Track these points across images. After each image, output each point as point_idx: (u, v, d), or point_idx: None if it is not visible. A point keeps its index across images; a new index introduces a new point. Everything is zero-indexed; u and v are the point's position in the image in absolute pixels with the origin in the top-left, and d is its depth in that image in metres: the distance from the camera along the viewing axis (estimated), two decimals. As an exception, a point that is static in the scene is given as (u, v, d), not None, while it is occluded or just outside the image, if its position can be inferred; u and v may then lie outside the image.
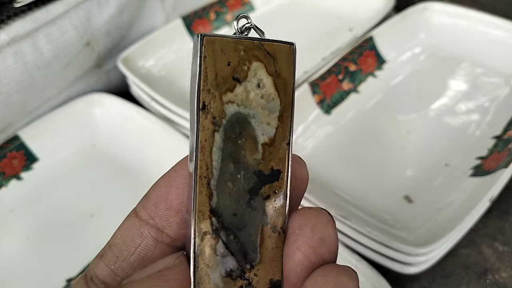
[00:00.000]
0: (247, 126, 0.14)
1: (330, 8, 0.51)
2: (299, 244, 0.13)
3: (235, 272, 0.14)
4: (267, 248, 0.14)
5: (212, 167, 0.14)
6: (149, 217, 0.14)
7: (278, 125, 0.14)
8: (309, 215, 0.14)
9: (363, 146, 0.38)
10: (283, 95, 0.14)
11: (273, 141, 0.14)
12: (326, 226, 0.14)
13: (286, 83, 0.14)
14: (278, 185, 0.14)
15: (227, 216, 0.14)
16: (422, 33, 0.45)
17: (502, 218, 0.34)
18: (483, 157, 0.35)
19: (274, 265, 0.14)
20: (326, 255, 0.14)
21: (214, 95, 0.14)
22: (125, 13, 0.43)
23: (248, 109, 0.14)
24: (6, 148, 0.37)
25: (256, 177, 0.14)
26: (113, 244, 0.15)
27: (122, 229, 0.15)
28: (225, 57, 0.14)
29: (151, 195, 0.15)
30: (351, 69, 0.42)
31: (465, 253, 0.32)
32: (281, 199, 0.14)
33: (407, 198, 0.34)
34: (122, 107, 0.41)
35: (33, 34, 0.37)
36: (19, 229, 0.35)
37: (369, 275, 0.28)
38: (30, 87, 0.38)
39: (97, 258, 0.15)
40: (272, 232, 0.14)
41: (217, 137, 0.14)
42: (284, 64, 0.14)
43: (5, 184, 0.37)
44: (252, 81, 0.14)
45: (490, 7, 0.46)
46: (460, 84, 0.42)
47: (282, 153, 0.14)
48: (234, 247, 0.14)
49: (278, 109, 0.14)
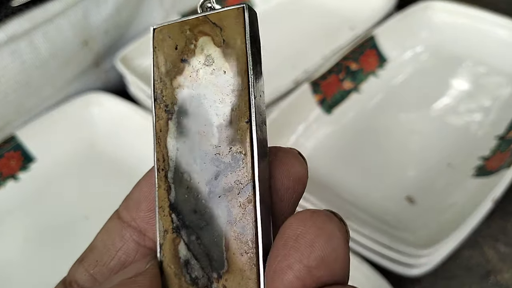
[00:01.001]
0: (199, 108, 0.12)
1: (331, 7, 0.51)
2: (292, 261, 0.10)
3: (200, 280, 0.12)
4: (235, 253, 0.12)
5: (168, 158, 0.12)
6: (131, 219, 0.13)
7: (232, 101, 0.12)
8: (311, 222, 0.11)
9: (364, 146, 0.38)
10: (234, 65, 0.12)
11: (229, 121, 0.12)
12: (332, 239, 0.11)
13: (237, 51, 0.12)
14: (241, 173, 0.12)
15: (187, 213, 0.12)
16: (424, 32, 0.45)
17: (505, 219, 0.34)
18: (485, 157, 0.35)
19: (246, 277, 0.11)
20: (327, 278, 0.10)
21: (165, 83, 0.13)
22: (123, 11, 0.43)
23: (199, 89, 0.12)
24: (3, 148, 0.37)
25: (215, 166, 0.12)
26: (94, 247, 0.14)
27: (103, 232, 0.14)
28: (172, 41, 0.13)
29: (133, 195, 0.14)
30: (352, 68, 0.41)
31: (468, 254, 0.32)
32: (247, 191, 0.12)
33: (409, 199, 0.33)
34: (120, 106, 0.40)
35: (30, 33, 0.37)
36: (16, 229, 0.35)
37: (371, 277, 0.28)
38: (27, 86, 0.38)
39: (77, 263, 0.14)
40: (239, 234, 0.12)
41: (171, 126, 0.12)
42: (232, 31, 0.12)
43: (2, 184, 0.37)
44: (199, 58, 0.12)
45: (492, 6, 0.46)
46: (462, 83, 0.42)
47: (241, 134, 0.12)
48: (197, 249, 0.12)
49: (231, 82, 0.12)
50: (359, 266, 0.29)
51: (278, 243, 0.11)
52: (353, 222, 0.29)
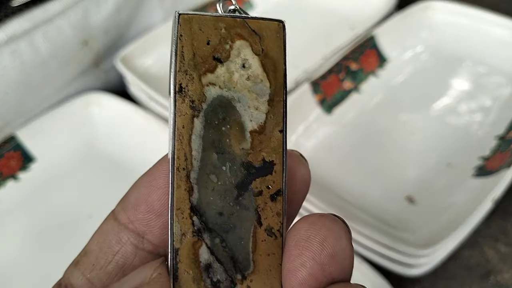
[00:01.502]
0: (232, 111, 0.12)
1: (331, 7, 0.51)
2: (304, 259, 0.11)
3: (223, 283, 0.12)
4: (262, 254, 0.12)
5: (192, 157, 0.12)
6: (128, 221, 0.13)
7: (268, 110, 0.12)
8: (320, 224, 0.11)
9: (364, 146, 0.38)
10: (272, 77, 0.12)
11: (264, 128, 0.12)
12: (340, 239, 0.11)
13: (275, 63, 0.12)
14: (271, 179, 0.12)
15: (211, 215, 0.12)
16: (424, 32, 0.45)
17: (505, 219, 0.34)
18: (485, 157, 0.35)
19: (271, 276, 0.12)
20: (337, 275, 0.11)
21: (192, 77, 0.12)
22: (123, 11, 0.43)
23: (232, 92, 0.12)
24: (3, 148, 0.37)
25: (245, 169, 0.12)
26: (89, 251, 0.13)
27: (99, 234, 0.13)
28: (203, 35, 0.12)
29: (130, 196, 0.13)
30: (352, 68, 0.41)
31: (468, 254, 0.32)
32: (277, 197, 0.12)
33: (409, 199, 0.33)
34: (120, 106, 0.40)
35: (30, 33, 0.37)
36: (16, 230, 0.35)
37: (371, 277, 0.28)
38: (27, 87, 0.38)
39: (72, 266, 0.13)
40: (268, 235, 0.12)
41: (197, 123, 0.12)
42: (272, 43, 0.12)
43: (2, 184, 0.37)
44: (235, 61, 0.12)
45: (492, 6, 0.46)
46: (463, 83, 0.42)
47: (275, 142, 0.12)
48: (221, 252, 0.12)
49: (268, 92, 0.12)
50: (359, 266, 0.29)
51: (290, 244, 0.12)
52: (353, 222, 0.29)
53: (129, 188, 0.13)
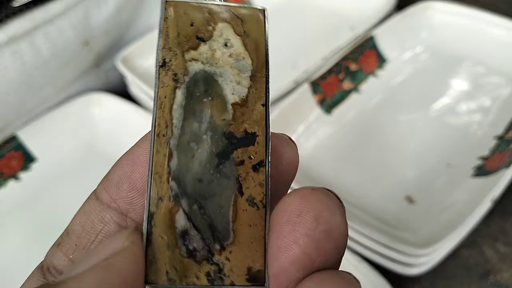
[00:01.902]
0: (214, 84, 0.12)
1: (331, 7, 0.51)
2: (297, 235, 0.10)
3: (199, 252, 0.11)
4: (243, 224, 0.11)
5: (172, 125, 0.12)
6: (110, 200, 0.12)
7: (250, 85, 0.12)
8: (313, 198, 0.11)
9: (364, 146, 0.38)
10: (254, 55, 0.13)
11: (246, 102, 0.12)
12: (335, 215, 0.11)
13: (257, 43, 0.13)
14: (254, 150, 0.12)
15: (190, 182, 0.12)
16: (424, 32, 0.45)
17: (504, 218, 0.34)
18: (485, 157, 0.35)
19: (253, 249, 0.11)
20: (332, 253, 0.11)
21: (176, 53, 0.12)
22: (124, 12, 0.43)
23: (214, 67, 0.12)
24: (4, 148, 0.37)
25: (226, 139, 0.12)
26: (72, 231, 0.13)
27: (81, 214, 0.13)
28: (188, 17, 0.13)
29: (113, 174, 0.13)
30: (351, 68, 0.41)
31: (467, 254, 0.32)
32: (260, 167, 0.12)
33: (409, 199, 0.34)
34: (121, 106, 0.40)
35: (31, 34, 0.37)
36: (17, 229, 0.35)
37: (370, 276, 0.28)
38: (28, 87, 0.38)
39: (54, 247, 0.13)
40: (249, 205, 0.12)
41: (178, 94, 0.12)
42: (253, 26, 0.13)
43: (3, 184, 0.37)
44: (218, 40, 0.13)
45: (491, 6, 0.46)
46: (462, 83, 0.42)
47: (257, 115, 0.12)
48: (199, 220, 0.11)
49: (250, 68, 0.12)
50: (359, 266, 0.29)
51: (280, 219, 0.11)
52: (353, 221, 0.29)
53: (111, 166, 0.13)
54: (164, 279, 0.11)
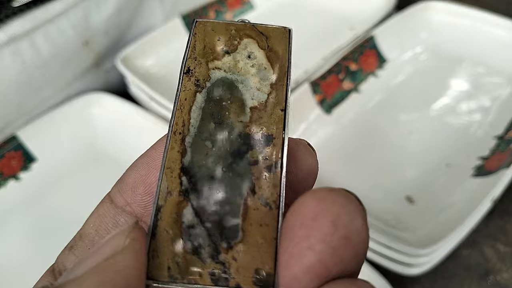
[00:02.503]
0: (234, 90, 0.13)
1: (331, 7, 0.51)
2: (313, 242, 0.09)
3: (204, 249, 0.11)
4: (253, 224, 0.11)
5: (189, 124, 0.12)
6: (125, 203, 0.12)
7: (270, 91, 0.13)
8: (331, 200, 0.10)
9: (364, 146, 0.38)
10: (276, 66, 0.13)
11: (265, 106, 0.12)
12: (355, 219, 0.10)
13: (279, 56, 0.13)
14: (269, 151, 0.12)
15: (201, 178, 0.11)
16: (424, 32, 0.45)
17: (504, 218, 0.34)
18: (485, 157, 0.35)
19: (263, 250, 0.11)
20: (351, 262, 0.10)
21: (200, 62, 0.13)
22: (124, 12, 0.43)
23: (236, 75, 0.13)
24: (4, 148, 0.37)
25: (242, 139, 0.12)
26: (85, 234, 0.12)
27: (94, 217, 0.12)
28: (215, 34, 0.13)
29: (128, 178, 0.12)
30: (351, 68, 0.41)
31: (467, 254, 0.32)
32: (275, 167, 0.12)
33: (409, 199, 0.34)
34: (121, 107, 0.40)
35: (31, 34, 0.37)
36: (17, 229, 0.35)
37: (370, 276, 0.28)
38: (28, 87, 0.38)
39: (66, 250, 0.12)
40: (261, 205, 0.11)
41: (199, 97, 0.12)
42: (277, 42, 0.13)
43: (3, 184, 0.37)
44: (241, 53, 0.13)
45: (491, 6, 0.46)
46: (462, 83, 0.42)
47: (275, 119, 0.12)
48: (207, 216, 0.11)
49: (271, 77, 0.13)
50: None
51: (294, 223, 0.10)
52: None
53: (126, 169, 0.13)
54: (165, 275, 0.10)
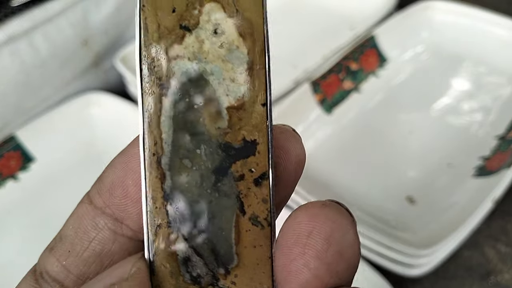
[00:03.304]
0: (204, 86, 0.11)
1: (331, 7, 0.51)
2: (308, 258, 0.10)
3: (203, 278, 0.11)
4: (247, 246, 0.11)
5: (162, 141, 0.11)
6: (104, 205, 0.12)
7: (247, 81, 0.11)
8: (323, 216, 0.10)
9: (364, 146, 0.38)
10: (250, 41, 0.11)
11: (243, 103, 0.11)
12: (347, 233, 0.10)
13: (253, 25, 0.11)
14: (254, 161, 0.11)
15: (186, 204, 0.11)
16: (424, 32, 0.45)
17: (505, 219, 0.34)
18: (486, 157, 0.35)
19: (259, 271, 0.11)
20: (344, 273, 0.10)
21: (158, 50, 0.11)
22: (123, 11, 0.43)
23: (203, 63, 0.11)
24: (3, 148, 0.37)
25: (222, 151, 0.11)
26: (64, 236, 0.12)
27: (74, 218, 0.12)
28: (168, 2, 0.11)
29: (106, 178, 0.12)
30: (352, 68, 0.41)
31: (468, 254, 0.32)
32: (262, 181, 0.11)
33: (410, 199, 0.33)
34: (120, 106, 0.40)
35: (30, 33, 0.37)
36: (16, 229, 0.35)
37: (371, 277, 0.28)
38: (27, 86, 0.38)
39: (47, 251, 0.12)
40: (253, 225, 0.11)
41: (166, 103, 0.11)
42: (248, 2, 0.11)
43: (2, 184, 0.37)
44: (206, 28, 0.11)
45: (492, 6, 0.46)
46: (463, 83, 0.42)
47: (257, 118, 0.11)
48: (200, 244, 0.11)
49: (246, 60, 0.11)
50: (359, 267, 0.29)
51: (288, 240, 0.10)
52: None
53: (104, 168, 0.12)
54: None
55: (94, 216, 0.12)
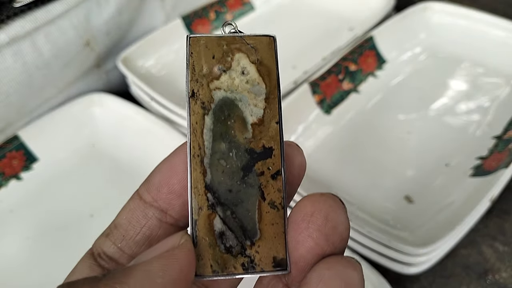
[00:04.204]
0: (235, 108, 0.15)
1: (330, 8, 0.51)
2: (311, 231, 0.14)
3: (235, 248, 0.14)
4: (267, 224, 0.14)
5: (204, 146, 0.15)
6: (152, 200, 0.15)
7: (265, 106, 0.15)
8: (322, 202, 0.14)
9: (363, 146, 0.38)
10: (267, 80, 0.15)
11: (262, 121, 0.15)
12: (339, 214, 0.14)
13: (269, 69, 0.15)
14: (271, 162, 0.15)
15: (222, 192, 0.14)
16: (422, 33, 0.45)
17: (503, 218, 0.34)
18: (483, 157, 0.35)
19: (276, 242, 0.14)
20: (338, 243, 0.14)
21: (202, 84, 0.15)
22: (124, 12, 0.43)
23: (234, 93, 0.15)
24: (6, 148, 0.37)
25: (248, 154, 0.15)
26: (119, 225, 0.15)
27: (126, 211, 0.15)
28: (209, 51, 0.15)
29: (153, 179, 0.15)
30: (351, 69, 0.42)
31: (466, 253, 0.32)
32: (277, 176, 0.15)
33: (408, 198, 0.34)
34: (121, 107, 0.40)
35: (32, 34, 0.37)
36: (18, 229, 0.35)
37: (370, 275, 0.28)
38: (29, 87, 0.38)
39: (103, 237, 0.15)
40: (271, 208, 0.14)
41: (207, 120, 0.15)
42: (265, 53, 0.15)
43: (5, 184, 0.37)
44: (236, 69, 0.15)
45: (490, 7, 0.46)
46: (461, 84, 0.42)
47: (272, 132, 0.15)
48: (232, 222, 0.14)
49: (264, 92, 0.15)
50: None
51: (296, 219, 0.14)
52: (352, 221, 0.29)
53: (151, 172, 0.16)
54: (209, 271, 0.14)
55: (144, 209, 0.15)
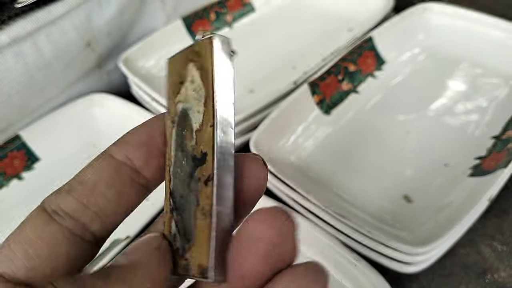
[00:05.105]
0: (187, 118, 0.15)
1: (330, 9, 0.51)
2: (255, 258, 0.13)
3: (180, 250, 0.15)
4: (199, 230, 0.15)
5: (171, 156, 0.15)
6: (126, 159, 0.15)
7: (204, 110, 0.15)
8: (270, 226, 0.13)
9: (362, 146, 0.38)
10: (206, 83, 0.15)
11: (202, 126, 0.15)
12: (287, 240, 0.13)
13: (207, 71, 0.15)
14: (205, 167, 0.15)
15: (177, 198, 0.15)
16: (421, 34, 0.45)
17: (501, 217, 0.34)
18: (482, 157, 0.35)
19: (203, 250, 0.14)
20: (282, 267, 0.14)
21: (171, 99, 0.16)
22: (125, 13, 0.43)
23: (187, 103, 0.15)
24: (7, 148, 0.38)
25: (192, 161, 0.15)
26: (84, 181, 0.15)
27: (93, 168, 0.15)
28: (176, 68, 0.16)
29: (129, 138, 0.16)
30: (350, 69, 0.42)
31: (464, 252, 0.32)
32: (209, 182, 0.14)
33: (407, 198, 0.34)
34: (122, 107, 0.41)
35: (34, 35, 0.37)
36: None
37: (369, 274, 0.29)
38: (30, 88, 0.39)
39: (63, 193, 0.14)
40: (201, 215, 0.14)
41: (173, 133, 0.16)
42: (205, 57, 0.15)
43: (6, 184, 0.37)
44: (188, 80, 0.15)
45: (489, 8, 0.46)
46: (459, 84, 0.42)
47: (207, 136, 0.15)
48: (181, 226, 0.15)
49: (203, 95, 0.15)
50: (357, 264, 0.29)
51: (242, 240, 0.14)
52: (351, 220, 0.30)
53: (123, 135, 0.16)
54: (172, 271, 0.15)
55: (116, 166, 0.15)
